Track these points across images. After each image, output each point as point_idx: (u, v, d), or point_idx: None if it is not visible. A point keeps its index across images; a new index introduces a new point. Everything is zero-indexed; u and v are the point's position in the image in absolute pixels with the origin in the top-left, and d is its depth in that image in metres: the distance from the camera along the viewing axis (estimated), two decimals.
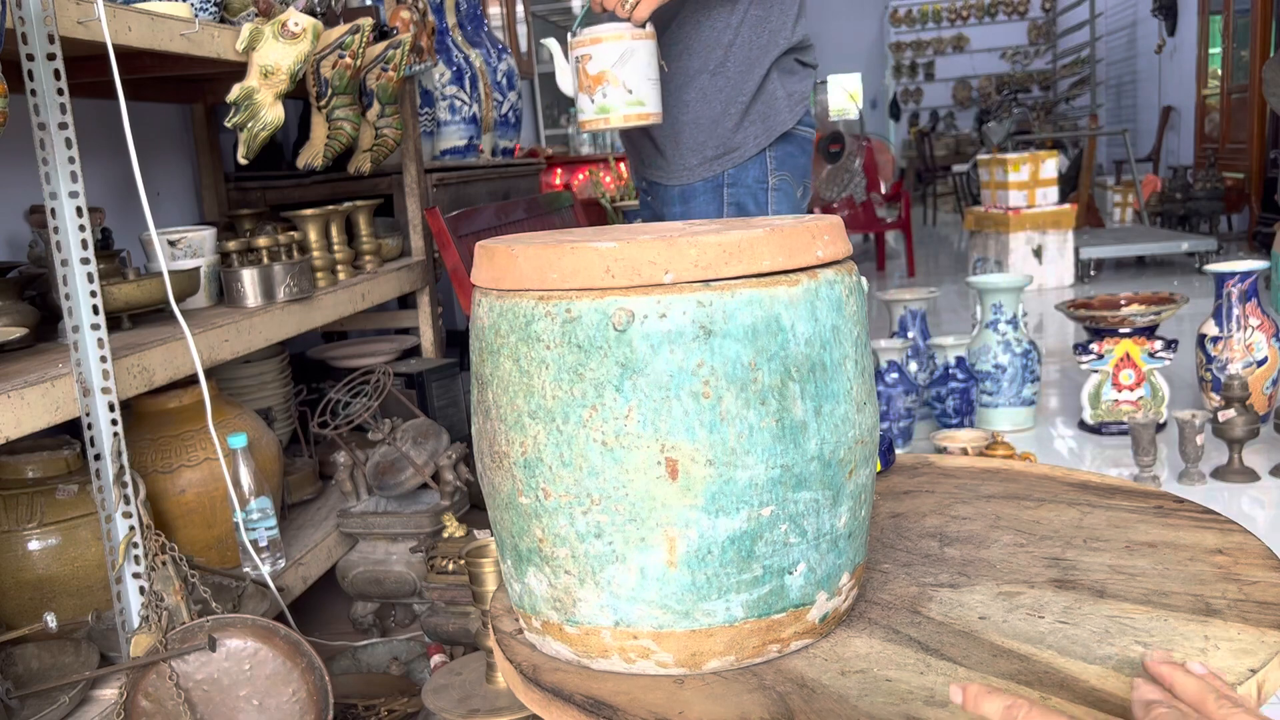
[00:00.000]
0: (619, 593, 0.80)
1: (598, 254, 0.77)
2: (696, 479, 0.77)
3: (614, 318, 0.76)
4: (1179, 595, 0.89)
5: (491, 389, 0.82)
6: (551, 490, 0.80)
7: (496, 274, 0.82)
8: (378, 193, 2.70)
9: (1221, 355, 2.86)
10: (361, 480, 1.98)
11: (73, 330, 1.34)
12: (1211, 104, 8.06)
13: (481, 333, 0.84)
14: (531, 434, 0.80)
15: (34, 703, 1.32)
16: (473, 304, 0.87)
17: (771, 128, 1.80)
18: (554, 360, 0.78)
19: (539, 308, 0.79)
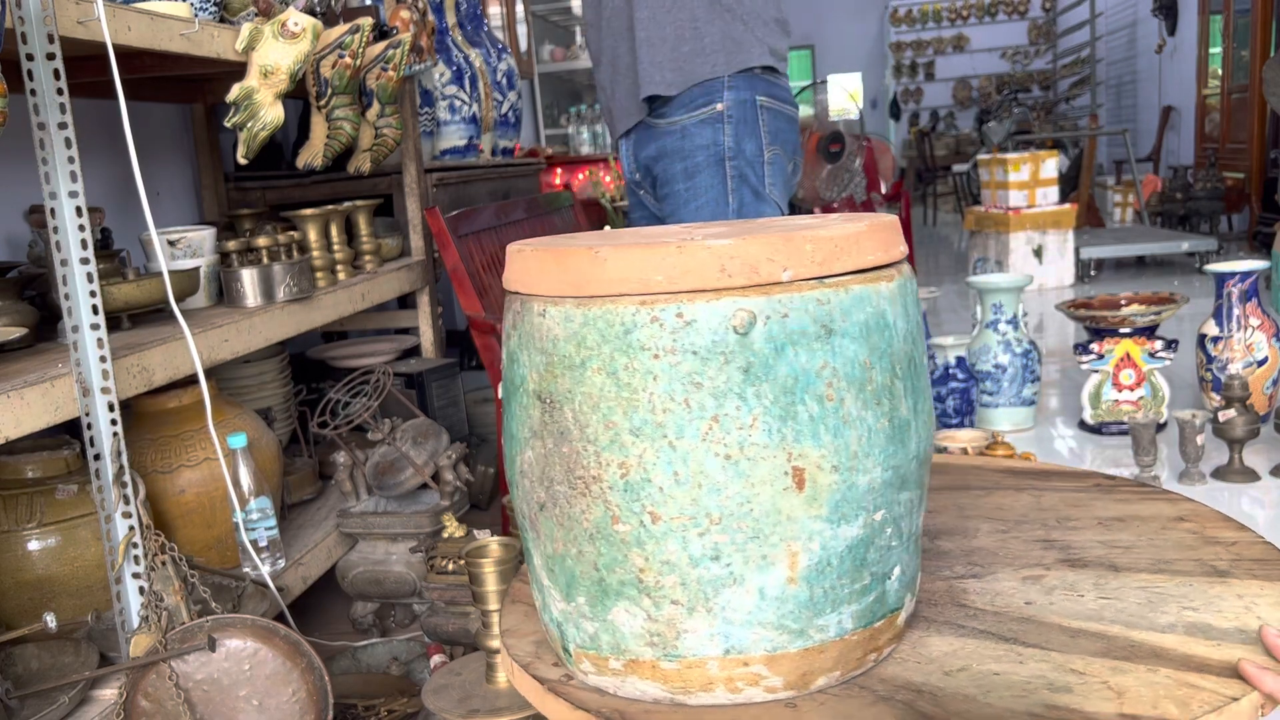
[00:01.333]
0: (733, 618, 0.75)
1: (710, 252, 0.71)
2: (822, 487, 0.73)
3: (734, 320, 0.70)
4: (1182, 562, 0.93)
5: (569, 408, 0.74)
6: (661, 513, 0.73)
7: (575, 278, 0.74)
8: (378, 193, 2.70)
9: (1222, 355, 2.86)
10: (361, 480, 1.98)
11: (72, 330, 1.34)
12: (1212, 104, 8.05)
13: (550, 345, 0.75)
14: (635, 453, 0.72)
15: (34, 703, 1.32)
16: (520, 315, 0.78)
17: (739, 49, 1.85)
18: (664, 370, 0.71)
19: (641, 313, 0.71)
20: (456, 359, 2.71)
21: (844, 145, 5.88)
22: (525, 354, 0.77)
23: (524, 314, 0.77)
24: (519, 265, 0.79)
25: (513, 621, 0.93)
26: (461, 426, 2.54)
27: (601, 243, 0.77)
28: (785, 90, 1.96)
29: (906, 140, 12.62)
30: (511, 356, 0.79)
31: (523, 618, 0.94)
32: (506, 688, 1.39)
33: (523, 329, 0.77)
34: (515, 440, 0.79)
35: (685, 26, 1.86)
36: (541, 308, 0.76)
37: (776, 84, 1.94)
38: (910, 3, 13.20)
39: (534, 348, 0.76)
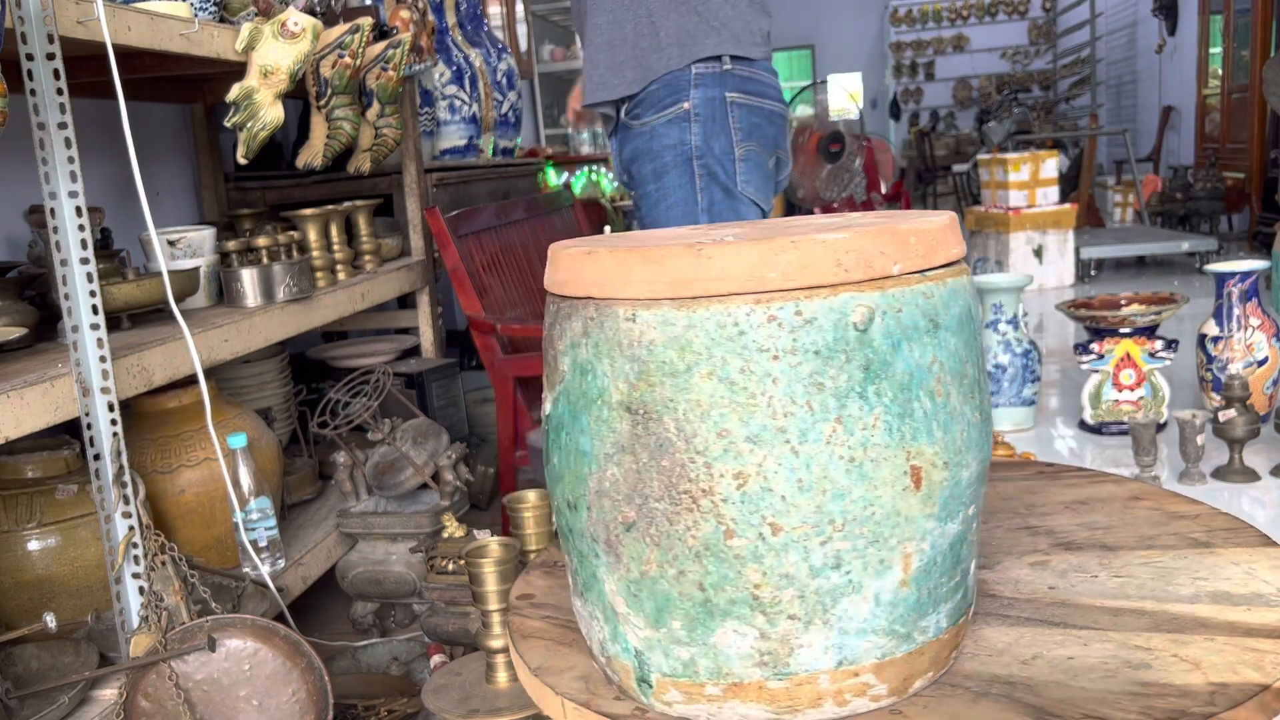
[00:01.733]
0: (848, 628, 0.72)
1: (826, 246, 0.68)
2: (935, 485, 0.72)
3: (855, 316, 0.68)
4: (1163, 537, 0.96)
5: (670, 417, 0.69)
6: (783, 523, 0.69)
7: (674, 279, 0.69)
8: (377, 193, 2.70)
9: (1222, 355, 2.86)
10: (361, 480, 1.98)
11: (72, 330, 1.34)
12: (1212, 104, 8.05)
13: (644, 352, 0.70)
14: (754, 461, 0.68)
15: (34, 703, 1.32)
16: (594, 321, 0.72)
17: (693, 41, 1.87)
18: (784, 372, 0.67)
19: (757, 313, 0.67)
20: (456, 359, 2.71)
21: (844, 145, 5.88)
22: (605, 363, 0.71)
23: (601, 320, 0.71)
24: (592, 268, 0.72)
25: (539, 658, 0.85)
26: (461, 426, 2.54)
27: (697, 240, 0.72)
28: (762, 84, 1.92)
29: (906, 140, 12.62)
30: (581, 368, 0.73)
31: (547, 653, 0.86)
32: (507, 688, 1.39)
33: (600, 337, 0.71)
34: (588, 457, 0.73)
35: (643, 23, 1.86)
36: (629, 312, 0.70)
37: (752, 78, 1.90)
38: (910, 3, 13.20)
39: (620, 355, 0.71)
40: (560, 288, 0.76)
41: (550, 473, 0.80)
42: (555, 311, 0.77)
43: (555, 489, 0.80)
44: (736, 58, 1.88)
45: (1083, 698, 0.71)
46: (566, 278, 0.75)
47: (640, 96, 1.90)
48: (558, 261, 0.77)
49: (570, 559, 0.80)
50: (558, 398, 0.76)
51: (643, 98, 1.90)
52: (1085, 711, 0.69)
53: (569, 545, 0.80)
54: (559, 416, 0.76)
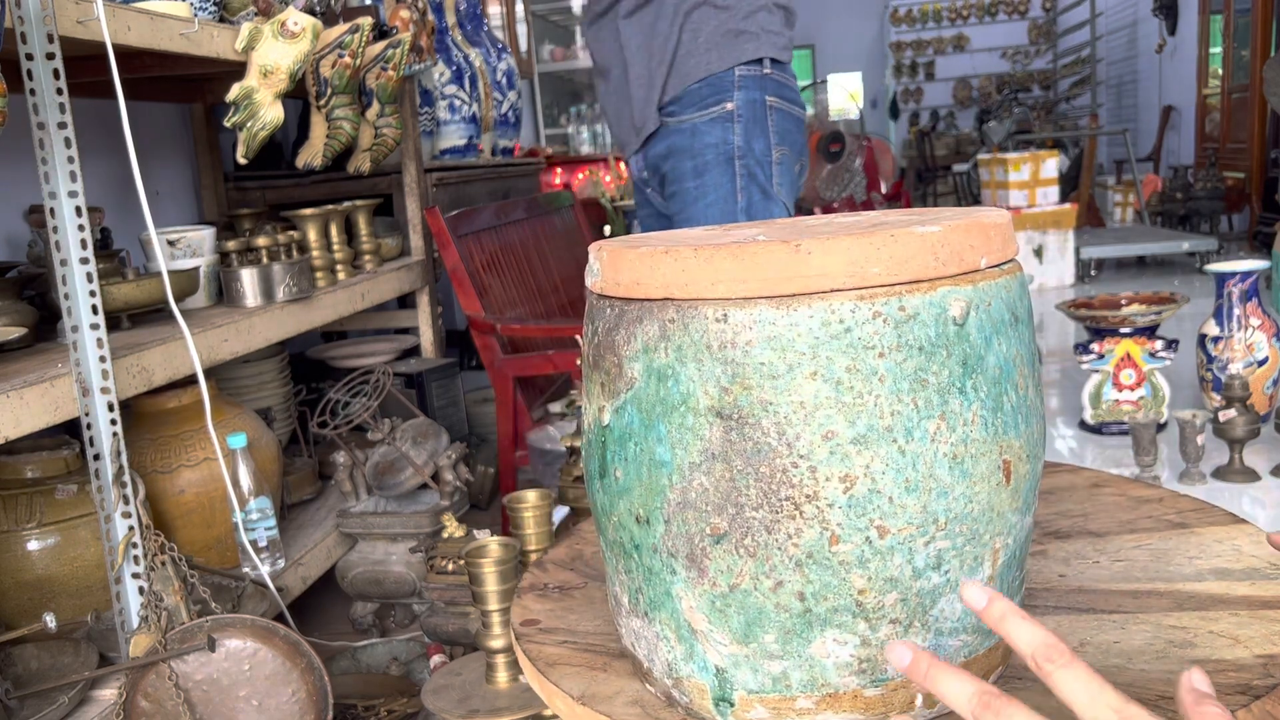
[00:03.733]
0: (943, 628, 0.71)
1: (924, 240, 0.67)
2: (1021, 478, 0.71)
3: (954, 310, 0.67)
4: (1143, 520, 0.97)
5: (769, 421, 0.66)
6: (890, 526, 0.67)
7: (770, 276, 0.66)
8: (377, 192, 2.70)
9: (1222, 355, 2.86)
10: (361, 480, 1.97)
11: (72, 330, 1.34)
12: (1212, 103, 8.05)
13: (738, 354, 0.67)
14: (861, 464, 0.66)
15: (33, 703, 1.31)
16: (675, 323, 0.68)
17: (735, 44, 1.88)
18: (890, 369, 0.66)
19: (862, 309, 0.66)
20: (456, 359, 2.71)
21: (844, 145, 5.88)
22: (690, 367, 0.68)
23: (685, 322, 0.68)
24: (671, 267, 0.69)
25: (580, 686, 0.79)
26: (461, 426, 2.54)
27: (792, 235, 0.69)
28: (794, 90, 1.97)
29: (906, 140, 12.62)
30: (658, 373, 0.69)
31: (587, 681, 0.80)
32: (507, 688, 1.39)
33: (684, 340, 0.68)
34: (667, 468, 0.69)
35: (685, 31, 1.88)
36: (719, 312, 0.67)
37: (785, 84, 1.94)
38: (910, 2, 13.20)
39: (710, 359, 0.67)
40: (624, 289, 0.72)
41: (606, 487, 0.75)
42: (617, 315, 0.72)
43: (615, 504, 0.74)
44: (775, 61, 1.91)
45: (1147, 679, 0.72)
46: (635, 278, 0.71)
47: (679, 95, 1.90)
48: (619, 262, 0.72)
49: (628, 578, 0.76)
50: (622, 406, 0.72)
51: (682, 95, 1.90)
52: (1159, 693, 0.70)
53: (631, 564, 0.75)
54: (624, 426, 0.72)
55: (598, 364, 0.74)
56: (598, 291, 0.76)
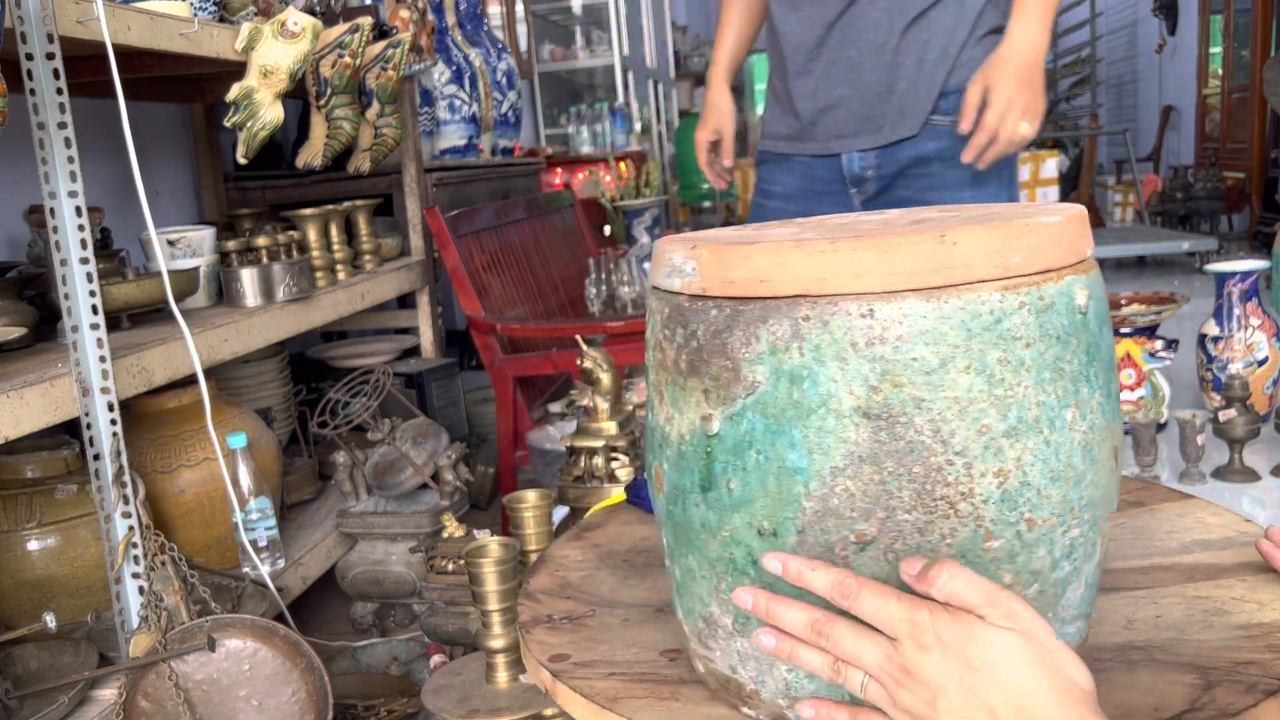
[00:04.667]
0: (1065, 616, 0.71)
1: (1051, 230, 0.66)
2: (1118, 464, 0.72)
3: (1079, 299, 0.67)
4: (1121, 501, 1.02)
5: (923, 418, 0.65)
6: (1037, 518, 0.66)
7: (916, 268, 0.64)
8: (377, 192, 2.70)
9: (1222, 355, 2.86)
10: (361, 480, 1.97)
11: (72, 330, 1.34)
12: (1212, 103, 8.05)
13: (888, 351, 0.64)
14: (1013, 456, 0.65)
15: (33, 703, 1.31)
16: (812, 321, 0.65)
17: None
18: (1034, 360, 0.65)
19: (1009, 299, 0.64)
20: (456, 359, 2.71)
21: None
22: (831, 367, 0.64)
23: (824, 319, 0.65)
24: (804, 262, 0.65)
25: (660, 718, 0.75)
26: (461, 426, 2.54)
27: (937, 226, 0.67)
28: None
29: None
30: (790, 375, 0.65)
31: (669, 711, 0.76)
32: (507, 688, 1.39)
33: (822, 338, 0.65)
34: (803, 475, 0.66)
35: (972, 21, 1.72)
36: (864, 307, 0.64)
37: None
38: None
39: (855, 356, 0.64)
40: (738, 288, 0.67)
41: (712, 501, 0.70)
42: (728, 316, 0.68)
43: (726, 519, 0.70)
44: None
45: (1210, 649, 0.74)
46: (754, 275, 0.67)
47: (951, 90, 1.71)
48: (730, 259, 0.68)
49: None
50: (739, 413, 0.67)
51: (951, 91, 1.71)
52: (1231, 660, 0.72)
53: (744, 580, 0.71)
54: (741, 435, 0.68)
55: (696, 370, 0.70)
56: (692, 292, 0.70)
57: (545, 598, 0.96)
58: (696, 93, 9.00)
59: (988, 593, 0.62)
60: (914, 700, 0.62)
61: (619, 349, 2.26)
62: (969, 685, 0.60)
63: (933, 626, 0.61)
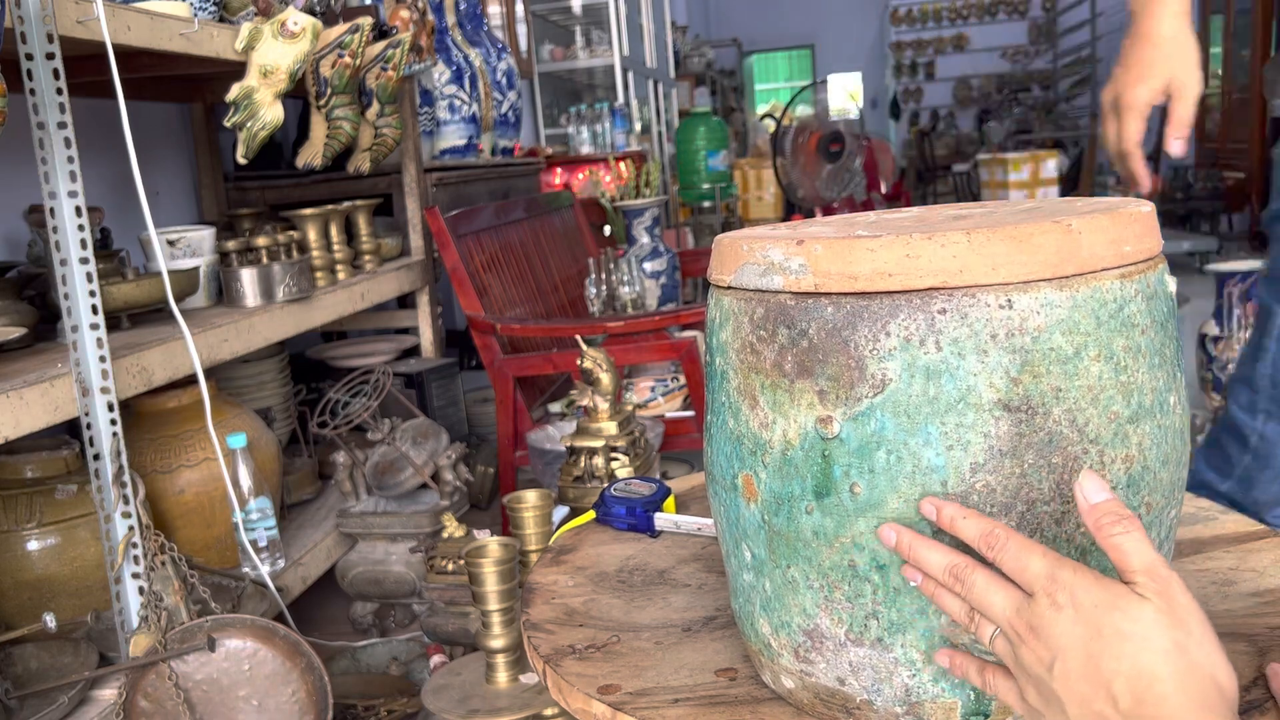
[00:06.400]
0: None
1: (1147, 220, 0.68)
2: None
3: (1171, 286, 0.69)
4: None
5: (1060, 409, 0.64)
6: (1154, 501, 0.68)
7: (1048, 259, 0.64)
8: (377, 192, 2.70)
9: (1222, 355, 2.86)
10: (361, 480, 1.97)
11: (72, 330, 1.34)
12: (1212, 103, 8.05)
13: (1028, 342, 0.64)
14: (1136, 441, 0.66)
15: (33, 703, 1.32)
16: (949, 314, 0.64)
17: None
18: (1147, 346, 0.66)
19: (1128, 287, 0.65)
20: (456, 359, 2.71)
21: (844, 145, 5.87)
22: (970, 360, 0.64)
23: (962, 312, 0.64)
24: (937, 253, 0.64)
25: None
26: (461, 426, 2.54)
27: (1057, 216, 0.67)
28: None
29: (906, 140, 12.63)
30: (925, 370, 0.64)
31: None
32: (507, 688, 1.39)
33: (961, 331, 0.64)
34: (939, 472, 0.65)
35: None
36: (1003, 298, 0.64)
37: None
38: (910, 2, 13.20)
39: (995, 348, 0.64)
40: (862, 283, 0.65)
41: (831, 507, 0.68)
42: (849, 312, 0.66)
43: (849, 524, 0.67)
44: None
45: (1240, 618, 0.76)
46: (881, 269, 0.65)
47: None
48: (851, 253, 0.65)
49: (852, 605, 0.69)
50: (866, 413, 0.66)
51: None
52: (1266, 625, 0.75)
53: (865, 587, 0.68)
54: (868, 435, 0.66)
55: (808, 370, 0.67)
56: (801, 290, 0.68)
57: (556, 628, 0.89)
58: (697, 92, 8.99)
59: (1151, 561, 0.57)
60: (1033, 660, 0.58)
61: (619, 349, 2.26)
62: (1092, 654, 0.56)
63: (1071, 585, 0.57)
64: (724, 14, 13.14)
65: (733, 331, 0.72)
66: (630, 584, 0.97)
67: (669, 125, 7.21)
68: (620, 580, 0.98)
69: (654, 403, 2.46)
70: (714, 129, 5.70)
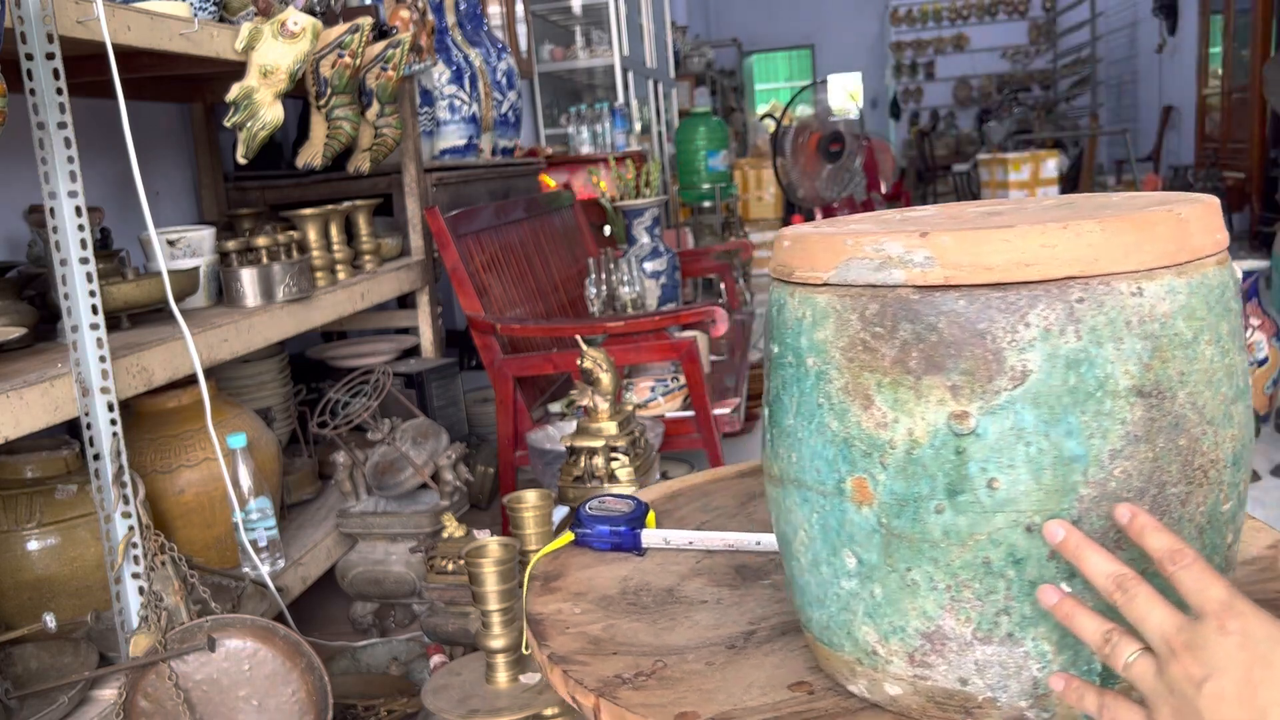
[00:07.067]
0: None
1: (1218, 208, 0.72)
2: None
3: (1237, 272, 0.72)
4: None
5: (1183, 392, 0.66)
6: (1241, 476, 0.72)
7: (1166, 248, 0.65)
8: (377, 192, 2.70)
9: None
10: (361, 480, 1.97)
11: (72, 330, 1.34)
12: (1212, 103, 8.05)
13: (1157, 328, 0.65)
14: (1238, 420, 0.69)
15: (33, 703, 1.32)
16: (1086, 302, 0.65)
17: None
18: (1233, 329, 0.69)
19: (1221, 273, 0.69)
20: (456, 359, 2.71)
21: (844, 145, 5.87)
22: (1108, 348, 0.65)
23: (1099, 300, 0.65)
24: (1073, 243, 0.64)
25: None
26: (461, 426, 2.54)
27: (1157, 205, 0.69)
28: None
29: (906, 140, 12.63)
30: (1066, 360, 0.65)
31: None
32: (507, 688, 1.39)
33: (1099, 319, 0.65)
34: (1081, 461, 0.65)
35: None
36: (1134, 286, 0.65)
37: None
38: (910, 2, 13.21)
39: (1130, 335, 0.65)
40: (997, 273, 0.65)
41: (965, 506, 0.67)
42: (982, 304, 0.65)
43: (985, 521, 0.67)
44: None
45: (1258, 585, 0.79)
46: (1017, 260, 0.65)
47: None
48: (983, 245, 0.65)
49: (983, 604, 0.68)
50: (1004, 406, 0.65)
51: None
52: None
53: (999, 584, 0.68)
54: (1007, 429, 0.65)
55: (937, 365, 0.66)
56: (926, 283, 0.67)
57: (589, 659, 0.84)
58: (697, 92, 8.99)
59: None
60: (1182, 676, 0.58)
61: (619, 349, 2.26)
62: (1251, 680, 0.57)
63: (1246, 615, 0.58)
64: (724, 14, 13.15)
65: (835, 330, 0.70)
66: (642, 605, 0.92)
67: (669, 125, 7.21)
68: (630, 603, 0.93)
69: (654, 403, 2.46)
70: (714, 129, 5.70)
